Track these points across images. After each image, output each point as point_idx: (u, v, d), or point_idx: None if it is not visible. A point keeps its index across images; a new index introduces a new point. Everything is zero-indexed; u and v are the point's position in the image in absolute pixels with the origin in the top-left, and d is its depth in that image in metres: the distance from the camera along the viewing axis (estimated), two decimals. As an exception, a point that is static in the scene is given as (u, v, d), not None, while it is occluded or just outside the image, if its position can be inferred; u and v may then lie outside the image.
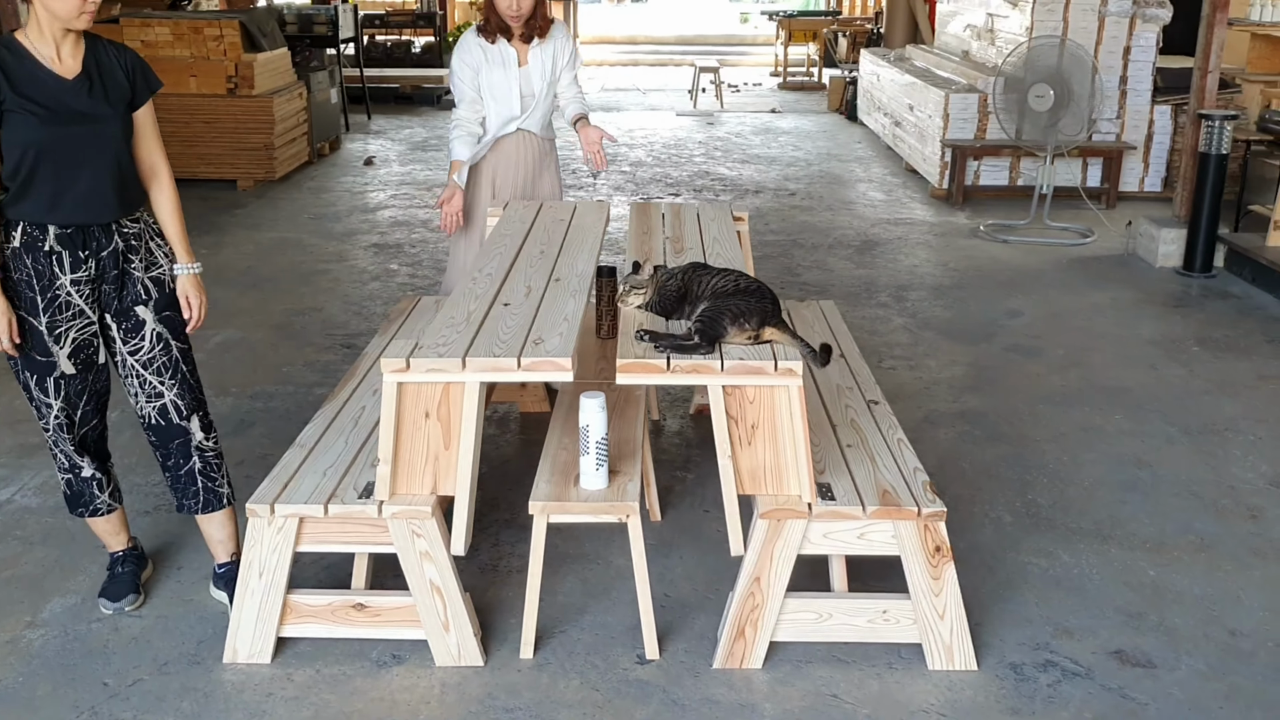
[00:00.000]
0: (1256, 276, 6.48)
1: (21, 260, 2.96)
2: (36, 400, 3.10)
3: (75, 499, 3.26)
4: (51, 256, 2.96)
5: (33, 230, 2.95)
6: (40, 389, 3.07)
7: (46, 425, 3.14)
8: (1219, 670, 3.07)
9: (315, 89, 9.70)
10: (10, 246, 2.96)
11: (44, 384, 3.06)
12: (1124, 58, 8.46)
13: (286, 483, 3.06)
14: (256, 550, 3.00)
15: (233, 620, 3.06)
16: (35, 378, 3.06)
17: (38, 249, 2.95)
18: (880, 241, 7.50)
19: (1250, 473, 4.20)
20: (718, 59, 15.28)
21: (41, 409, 3.11)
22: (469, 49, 4.52)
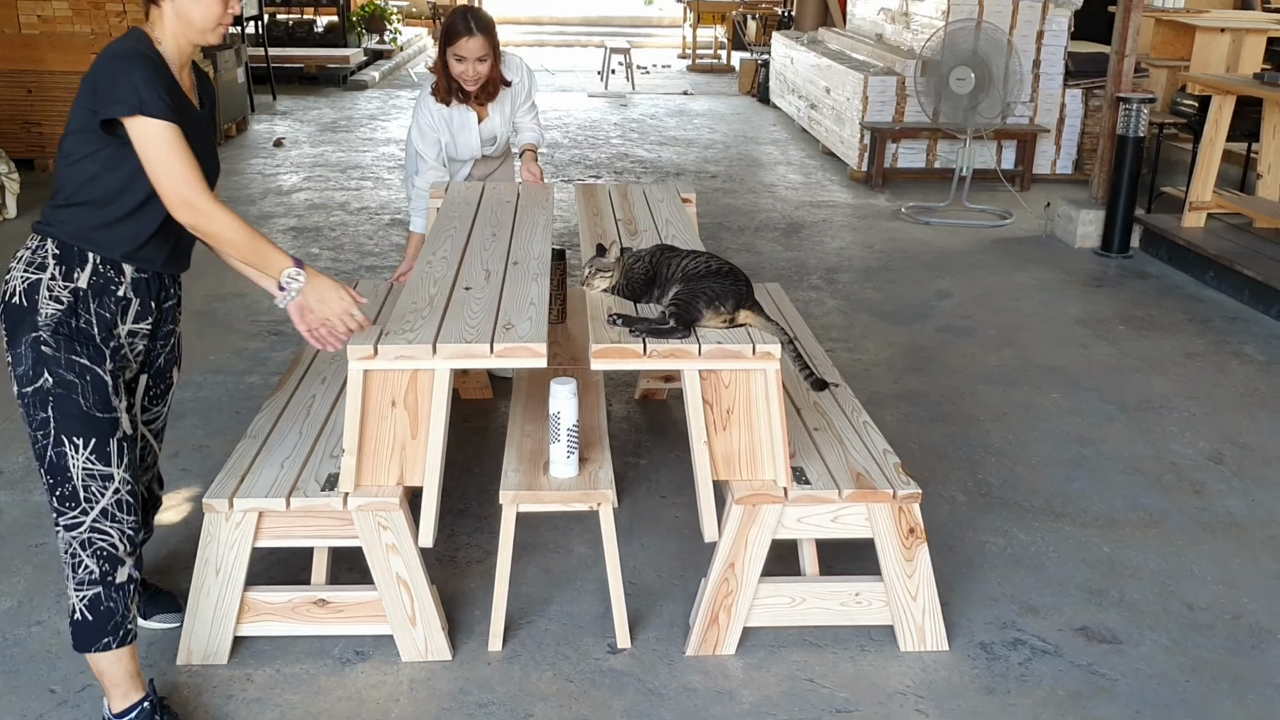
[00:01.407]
0: (1172, 256, 6.65)
1: (86, 305, 2.49)
2: (85, 475, 2.49)
3: (101, 621, 2.54)
4: (121, 304, 2.55)
5: (106, 270, 2.51)
6: (99, 457, 2.50)
7: (90, 509, 2.49)
8: (1182, 644, 3.13)
9: (221, 69, 9.39)
10: (72, 286, 2.48)
11: (104, 449, 2.51)
12: (1038, 42, 8.60)
13: (243, 476, 2.93)
14: (213, 546, 2.86)
15: (187, 620, 2.93)
16: (93, 443, 2.49)
17: (108, 293, 2.52)
18: (805, 224, 7.52)
19: (1189, 449, 4.29)
20: (626, 40, 15.20)
21: (93, 487, 2.50)
22: (429, 118, 4.37)
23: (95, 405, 2.49)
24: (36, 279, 2.48)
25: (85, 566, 2.52)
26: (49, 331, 2.46)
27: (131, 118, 2.38)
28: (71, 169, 2.48)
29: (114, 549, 2.54)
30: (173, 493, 3.78)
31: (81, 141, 2.46)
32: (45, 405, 2.47)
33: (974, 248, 7.06)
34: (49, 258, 2.49)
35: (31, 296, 2.46)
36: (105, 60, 2.43)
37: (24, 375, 2.48)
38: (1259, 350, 5.35)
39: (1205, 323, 5.72)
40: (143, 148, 2.41)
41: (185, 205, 2.45)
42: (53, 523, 2.56)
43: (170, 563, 3.38)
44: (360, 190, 8.17)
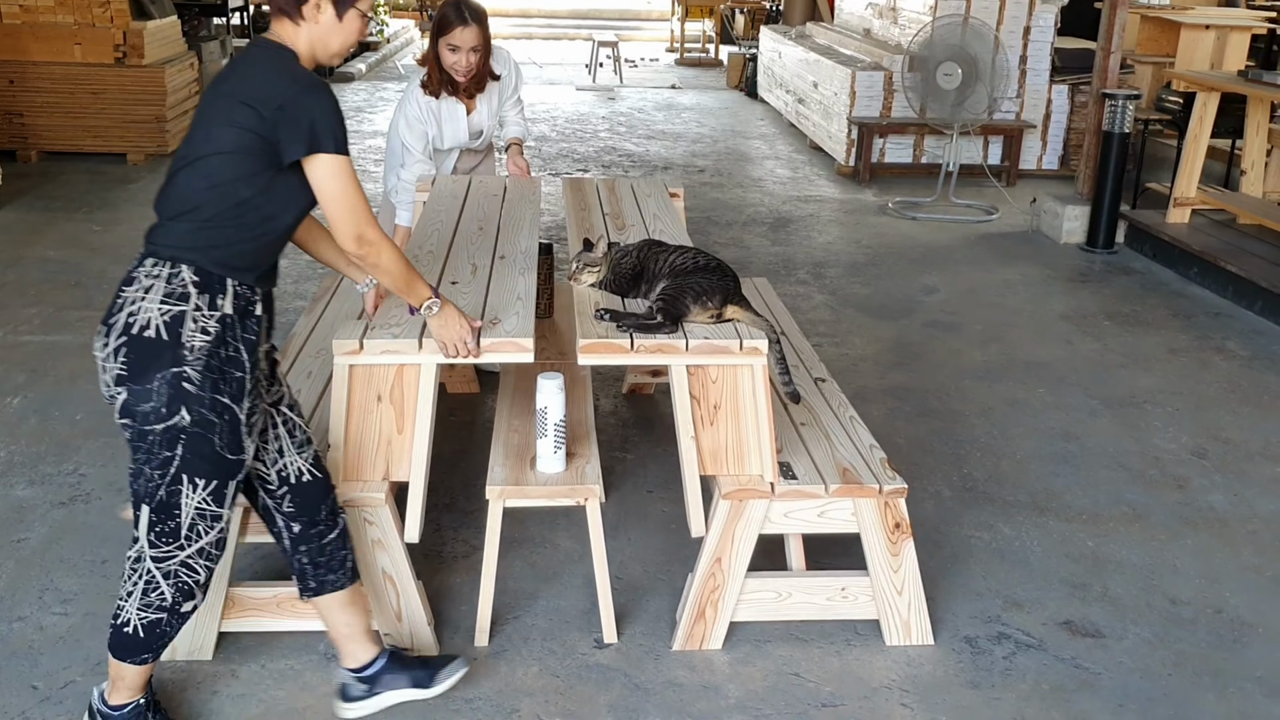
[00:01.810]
0: (1157, 252, 6.68)
1: (233, 331, 2.38)
2: (195, 515, 2.41)
3: (150, 641, 2.48)
4: (259, 323, 2.46)
5: (245, 291, 2.41)
6: (215, 498, 2.42)
7: (188, 546, 2.42)
8: (1164, 638, 3.14)
9: (207, 59, 9.34)
10: (219, 314, 2.37)
11: (223, 491, 2.43)
12: (1024, 38, 8.62)
13: None
14: None
15: None
16: (214, 485, 2.40)
17: (249, 314, 2.43)
18: (793, 219, 7.53)
19: (1172, 444, 4.32)
20: (614, 34, 15.16)
21: (199, 526, 2.42)
22: (417, 110, 4.36)
23: (228, 447, 2.40)
24: (179, 311, 2.33)
25: (159, 593, 2.44)
26: (198, 367, 2.33)
27: (322, 155, 2.36)
28: (217, 192, 2.36)
29: (195, 584, 2.47)
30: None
31: (236, 164, 2.35)
32: (174, 444, 2.35)
33: (960, 243, 7.08)
34: (189, 287, 2.34)
35: (175, 330, 2.32)
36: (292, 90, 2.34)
37: (153, 412, 2.33)
38: (1242, 346, 5.37)
39: (1189, 318, 5.75)
40: (327, 183, 2.38)
41: (359, 239, 2.44)
42: (135, 542, 2.44)
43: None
44: (346, 183, 8.13)
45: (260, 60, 2.42)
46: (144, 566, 2.44)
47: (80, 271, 5.92)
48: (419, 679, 2.75)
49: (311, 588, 2.69)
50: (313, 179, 2.39)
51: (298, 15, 2.43)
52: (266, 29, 2.51)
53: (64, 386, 4.52)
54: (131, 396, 2.33)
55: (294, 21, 2.44)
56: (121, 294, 2.38)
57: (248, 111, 2.33)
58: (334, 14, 2.45)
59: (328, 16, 2.45)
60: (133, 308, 2.34)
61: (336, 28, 2.47)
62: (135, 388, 2.33)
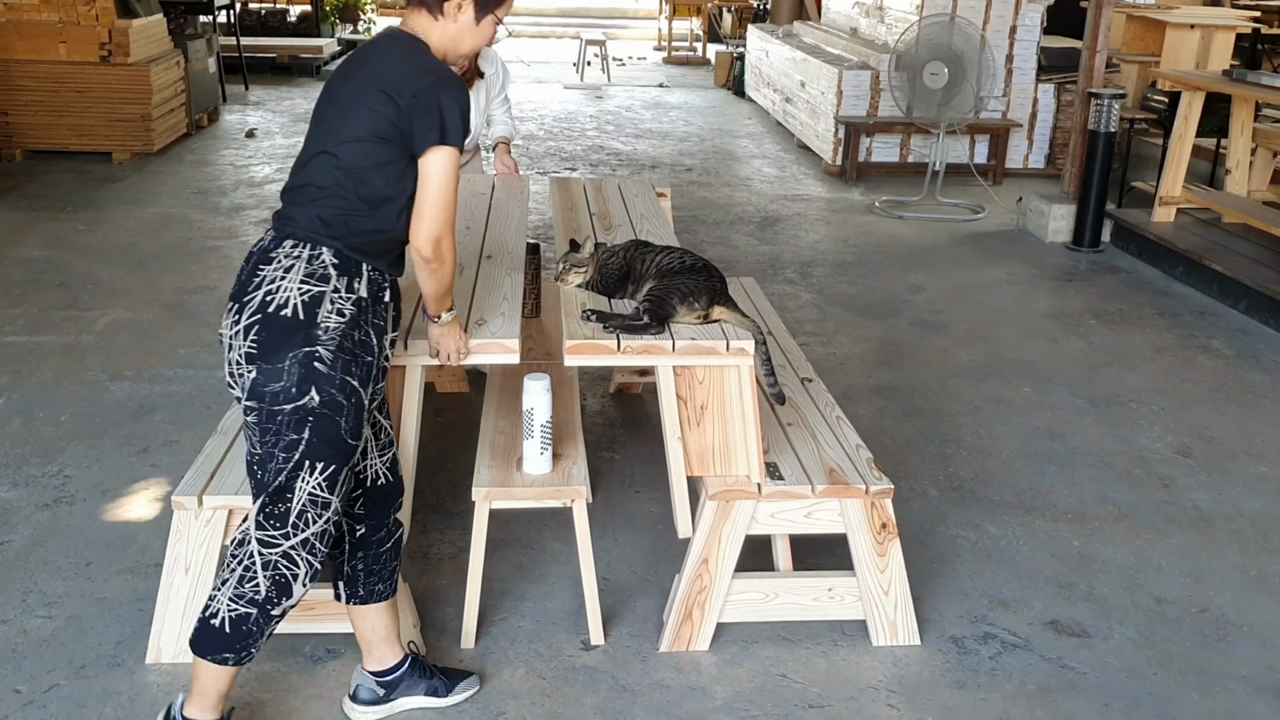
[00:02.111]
0: (1142, 251, 6.70)
1: (365, 315, 2.41)
2: (307, 500, 2.38)
3: (235, 639, 2.40)
4: (388, 310, 2.50)
5: (378, 277, 2.46)
6: (329, 484, 2.40)
7: (293, 535, 2.39)
8: (1150, 638, 3.16)
9: (193, 58, 9.29)
10: (355, 296, 2.39)
11: (337, 478, 2.41)
12: (1010, 37, 8.64)
13: (212, 473, 2.90)
14: (183, 544, 2.84)
15: (156, 618, 2.90)
16: (331, 470, 2.39)
17: (379, 300, 2.47)
18: (780, 218, 7.54)
19: (1158, 443, 4.33)
20: (602, 32, 15.15)
21: (308, 514, 2.39)
22: None
23: (351, 431, 2.40)
24: (319, 291, 2.34)
25: (254, 584, 2.38)
26: (330, 347, 2.33)
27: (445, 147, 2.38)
28: (352, 179, 2.39)
29: (292, 580, 2.41)
30: (141, 488, 3.76)
31: (371, 152, 2.38)
32: (302, 426, 2.33)
33: (947, 242, 7.09)
34: (329, 269, 2.36)
35: (312, 310, 2.33)
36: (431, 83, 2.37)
37: (283, 392, 2.32)
38: (1226, 345, 5.40)
39: (1174, 317, 5.77)
40: (436, 176, 2.39)
41: (437, 241, 2.43)
42: (245, 523, 2.43)
43: (138, 559, 3.35)
44: (333, 182, 8.11)
45: (396, 49, 2.45)
46: (246, 552, 2.39)
47: (65, 272, 5.89)
48: (435, 688, 2.76)
49: (359, 595, 2.67)
50: (425, 168, 2.40)
51: (438, 11, 2.47)
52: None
53: (48, 388, 4.50)
54: (261, 375, 2.33)
55: (433, 16, 2.47)
56: (259, 272, 2.37)
57: (384, 99, 2.36)
58: (473, 16, 2.49)
59: (467, 17, 2.49)
60: (271, 286, 2.34)
61: (472, 30, 2.51)
62: (265, 366, 2.32)
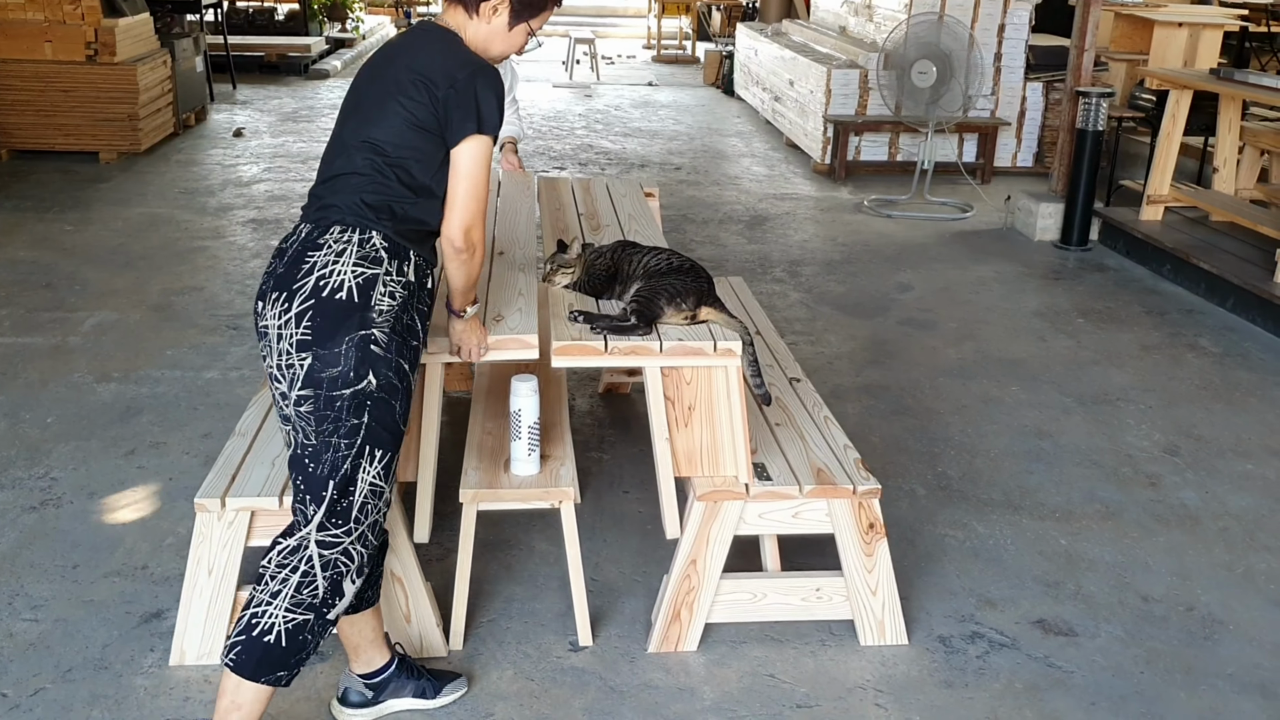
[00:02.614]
0: (1130, 249, 6.71)
1: (414, 298, 2.45)
2: (369, 491, 2.38)
3: (291, 651, 2.36)
4: (430, 296, 2.55)
5: (421, 262, 2.48)
6: (386, 471, 2.41)
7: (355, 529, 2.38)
8: (1137, 636, 3.16)
9: (180, 57, 9.26)
10: (405, 280, 2.42)
11: (392, 464, 2.43)
12: (999, 35, 8.65)
13: (234, 475, 2.89)
14: (205, 547, 2.83)
15: (180, 620, 2.89)
16: (388, 458, 2.40)
17: (424, 287, 2.50)
18: (769, 216, 7.54)
19: (1145, 441, 4.34)
20: (591, 30, 15.14)
21: (370, 505, 2.40)
22: None
23: (403, 416, 2.41)
24: (373, 274, 2.35)
25: (313, 588, 2.36)
26: (385, 329, 2.34)
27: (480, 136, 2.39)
28: (394, 166, 2.40)
29: (343, 576, 2.40)
30: (129, 490, 3.74)
31: (407, 142, 2.39)
32: (362, 411, 2.33)
33: (935, 241, 7.10)
34: (381, 252, 2.38)
35: (366, 292, 2.33)
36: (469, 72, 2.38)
37: (341, 376, 2.31)
38: (1214, 343, 5.41)
39: (1162, 315, 5.79)
40: (470, 165, 2.40)
41: (468, 231, 2.43)
42: (299, 529, 2.38)
43: (125, 562, 3.34)
44: (321, 182, 8.09)
45: (433, 40, 2.46)
46: (302, 556, 2.37)
47: (51, 273, 5.87)
48: (423, 689, 2.75)
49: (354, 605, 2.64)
50: (458, 157, 2.40)
51: (474, 10, 2.48)
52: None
53: (35, 389, 4.48)
54: (318, 361, 2.32)
55: (469, 14, 2.48)
56: (308, 258, 2.36)
57: (422, 89, 2.37)
58: (507, 21, 2.50)
59: (501, 21, 2.50)
60: (324, 270, 2.34)
61: (504, 35, 2.52)
62: (322, 352, 2.31)
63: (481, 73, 2.40)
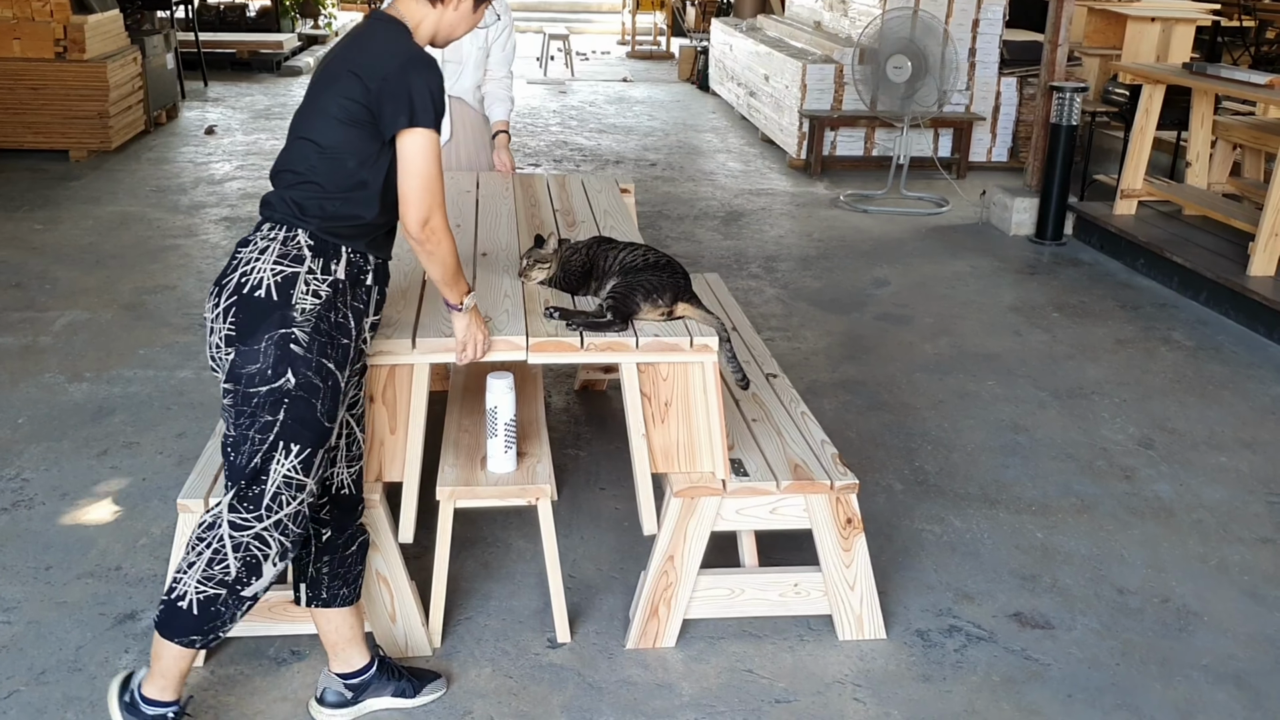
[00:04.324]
0: (1104, 244, 6.75)
1: (344, 297, 2.40)
2: (282, 483, 2.39)
3: (203, 620, 2.42)
4: (369, 293, 2.48)
5: (358, 259, 2.43)
6: (304, 466, 2.40)
7: (266, 518, 2.39)
8: (1112, 628, 3.18)
9: (150, 54, 9.19)
10: (331, 279, 2.38)
11: (312, 460, 2.41)
12: (973, 30, 8.68)
13: (216, 475, 2.85)
14: None
15: None
16: (307, 452, 2.39)
17: (359, 283, 2.44)
18: (744, 212, 7.54)
19: (1120, 434, 4.37)
20: (565, 26, 15.11)
21: (282, 496, 2.40)
22: None
23: (327, 414, 2.39)
24: (292, 272, 2.34)
25: (224, 565, 2.40)
26: (306, 329, 2.33)
27: (419, 129, 2.34)
28: (327, 161, 2.37)
29: (263, 559, 2.42)
30: (101, 491, 3.71)
31: (343, 134, 2.36)
32: (278, 408, 2.34)
33: (911, 235, 7.12)
34: (304, 250, 2.36)
35: (286, 291, 2.33)
36: (399, 63, 2.34)
37: (261, 373, 2.32)
38: (1187, 336, 5.45)
39: (1136, 309, 5.82)
40: (413, 159, 2.35)
41: (425, 223, 2.39)
42: (216, 505, 2.43)
43: (99, 563, 3.31)
44: (295, 179, 8.05)
45: (375, 34, 2.44)
46: (216, 534, 2.40)
47: (21, 272, 5.81)
48: (403, 689, 2.75)
49: (322, 599, 2.66)
50: (400, 152, 2.37)
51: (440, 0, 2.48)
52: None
53: (5, 390, 4.44)
54: (239, 357, 2.34)
55: (431, 3, 2.46)
56: (237, 255, 2.40)
57: (355, 82, 2.35)
58: (472, 4, 2.51)
59: (466, 6, 2.51)
60: (246, 268, 2.36)
61: (469, 18, 2.53)
62: (243, 348, 2.34)
63: (413, 64, 2.36)
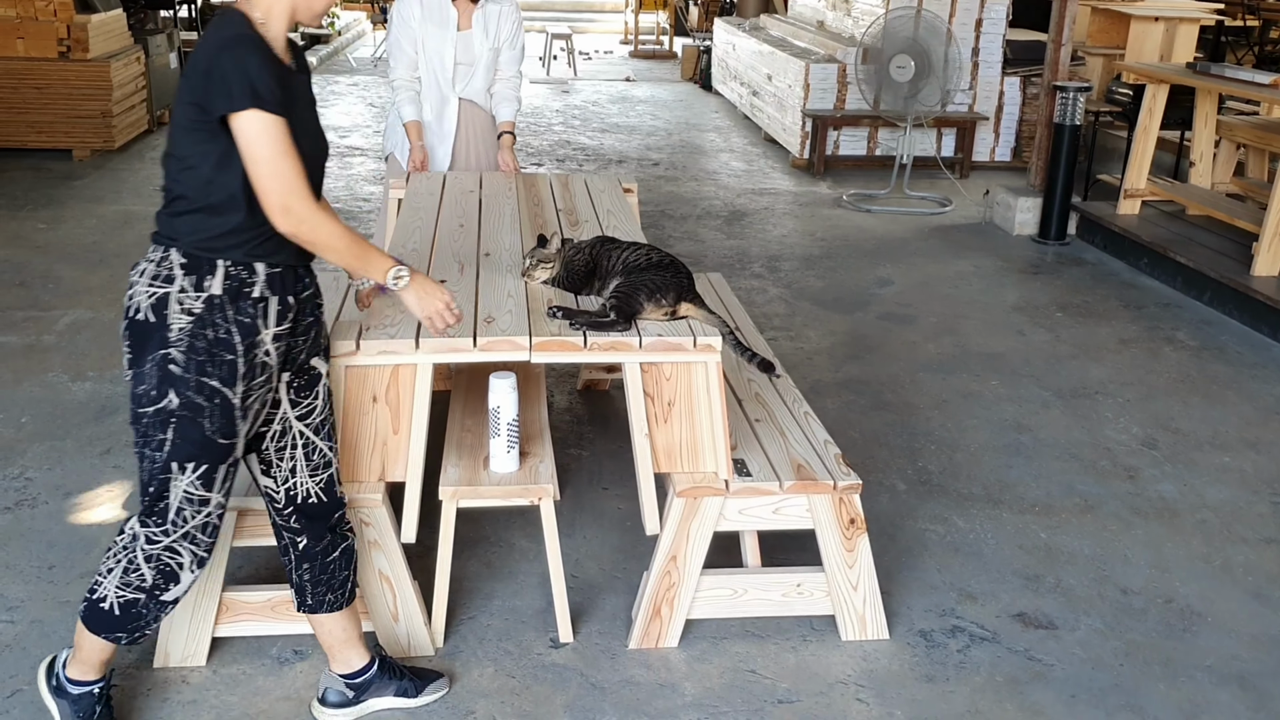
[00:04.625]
0: (1108, 244, 6.74)
1: (222, 312, 2.31)
2: (184, 499, 2.38)
3: (124, 620, 2.47)
4: (259, 305, 2.37)
5: (238, 271, 2.33)
6: (204, 482, 2.38)
7: (173, 531, 2.40)
8: (1116, 628, 3.18)
9: (153, 53, 9.18)
10: (205, 295, 2.31)
11: (212, 475, 2.39)
12: (976, 30, 8.67)
13: None
14: None
15: (164, 621, 2.85)
16: (204, 469, 2.37)
17: (243, 296, 2.34)
18: (747, 212, 7.54)
19: (1123, 434, 4.36)
20: (568, 26, 15.12)
21: (186, 511, 2.39)
22: (406, 3, 4.36)
23: (219, 431, 2.35)
24: (164, 293, 2.30)
25: (139, 573, 2.43)
26: (181, 348, 2.29)
27: (244, 112, 2.21)
28: (185, 173, 2.30)
29: (178, 568, 2.45)
30: (104, 490, 3.71)
31: (190, 140, 2.29)
32: (165, 428, 2.33)
33: (914, 235, 7.12)
34: (175, 269, 2.31)
35: (160, 312, 2.29)
36: (212, 49, 2.24)
37: (145, 395, 2.32)
38: (1191, 336, 5.44)
39: (1139, 309, 5.81)
40: (249, 145, 2.24)
41: (285, 211, 2.28)
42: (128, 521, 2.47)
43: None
44: (298, 178, 8.05)
45: (207, 31, 2.35)
46: (132, 545, 2.43)
47: (24, 271, 5.81)
48: (405, 689, 2.75)
49: (309, 604, 2.66)
50: (237, 141, 2.26)
51: None
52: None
53: (9, 389, 4.44)
54: (132, 380, 2.37)
55: None
56: (130, 279, 2.40)
57: (185, 82, 2.28)
58: None
59: None
60: (130, 292, 2.37)
61: None
62: (133, 371, 2.35)
63: (224, 46, 2.23)
